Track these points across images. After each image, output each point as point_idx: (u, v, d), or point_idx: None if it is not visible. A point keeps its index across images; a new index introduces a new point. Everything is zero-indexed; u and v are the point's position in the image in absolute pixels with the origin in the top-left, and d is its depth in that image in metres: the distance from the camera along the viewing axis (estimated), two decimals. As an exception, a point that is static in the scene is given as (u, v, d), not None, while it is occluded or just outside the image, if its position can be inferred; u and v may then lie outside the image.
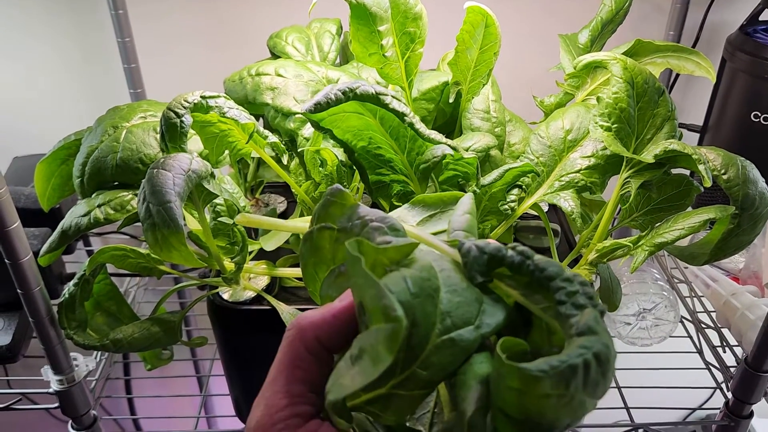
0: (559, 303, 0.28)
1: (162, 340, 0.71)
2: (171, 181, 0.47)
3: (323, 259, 0.35)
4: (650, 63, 0.73)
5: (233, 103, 0.57)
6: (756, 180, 0.65)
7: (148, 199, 0.47)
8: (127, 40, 0.96)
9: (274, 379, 0.32)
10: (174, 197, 0.46)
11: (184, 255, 0.48)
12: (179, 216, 0.46)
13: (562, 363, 0.25)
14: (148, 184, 0.48)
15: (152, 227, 0.46)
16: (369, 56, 0.61)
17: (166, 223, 0.46)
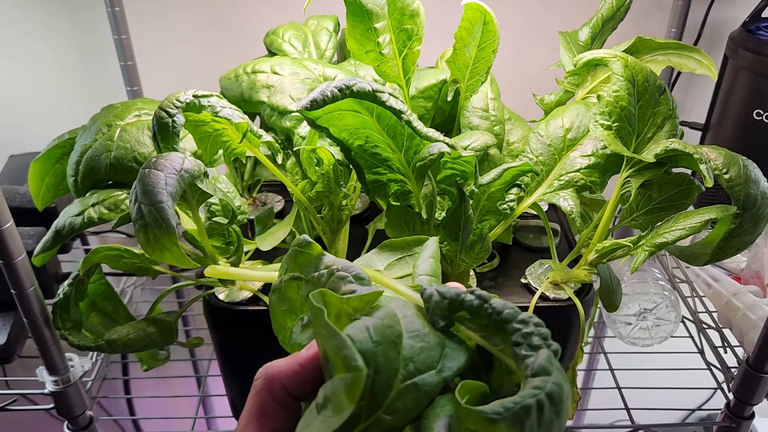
0: (516, 344, 0.29)
1: (158, 340, 0.70)
2: (163, 181, 0.47)
3: (292, 308, 0.37)
4: (651, 61, 0.72)
5: (226, 102, 0.56)
6: (758, 179, 0.64)
7: (140, 200, 0.46)
8: (123, 37, 0.96)
9: (244, 428, 0.32)
10: (166, 197, 0.46)
11: (176, 256, 0.47)
12: (171, 216, 0.46)
13: (516, 404, 0.26)
14: (140, 184, 0.47)
15: (144, 228, 0.46)
16: (365, 54, 0.60)
17: (158, 224, 0.45)
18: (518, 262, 0.75)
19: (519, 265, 0.74)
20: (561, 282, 0.70)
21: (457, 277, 0.68)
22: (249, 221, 0.80)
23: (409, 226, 0.64)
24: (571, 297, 0.67)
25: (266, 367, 0.33)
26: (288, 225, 0.68)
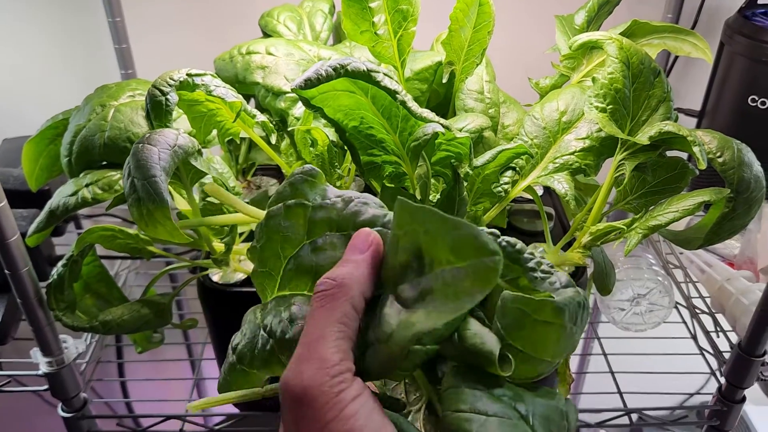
0: (531, 270, 0.34)
1: (152, 322, 0.70)
2: (156, 156, 0.47)
3: (294, 234, 0.37)
4: (647, 44, 0.72)
5: (220, 81, 0.56)
6: (751, 163, 0.64)
7: (133, 174, 0.46)
8: (117, 20, 0.95)
9: (323, 336, 0.31)
10: (159, 171, 0.46)
11: (169, 230, 0.47)
12: (164, 190, 0.46)
13: (572, 299, 0.32)
14: (133, 159, 0.47)
15: (137, 202, 0.46)
16: (360, 34, 0.60)
17: (151, 198, 0.45)
18: (512, 245, 0.75)
19: (513, 249, 0.74)
20: (555, 265, 0.70)
21: (451, 259, 0.68)
22: (244, 204, 0.80)
23: (404, 208, 0.64)
24: (565, 280, 0.68)
25: (336, 276, 0.33)
26: (282, 207, 0.68)
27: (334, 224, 0.35)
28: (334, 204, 0.36)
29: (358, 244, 0.34)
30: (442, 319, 0.29)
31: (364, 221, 0.35)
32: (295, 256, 0.36)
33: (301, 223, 0.36)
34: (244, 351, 0.36)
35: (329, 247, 0.35)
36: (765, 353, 0.73)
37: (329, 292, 0.33)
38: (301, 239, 0.36)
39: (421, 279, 0.31)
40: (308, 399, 0.30)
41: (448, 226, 0.29)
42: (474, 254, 0.29)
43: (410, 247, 0.31)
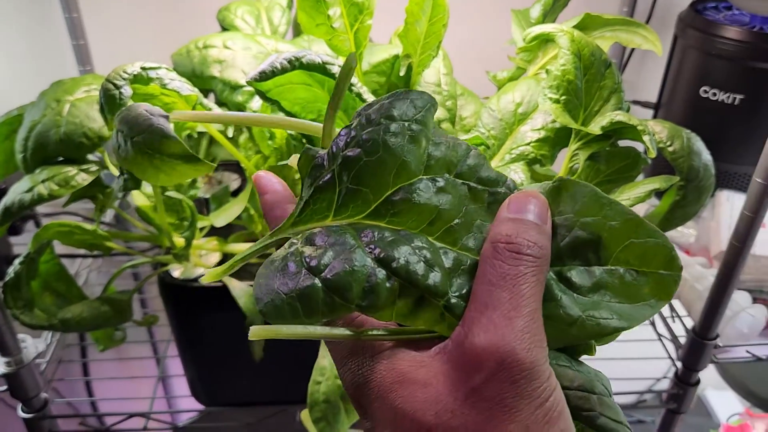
0: None
1: (112, 319, 0.70)
2: (147, 112, 0.47)
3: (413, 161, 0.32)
4: (600, 37, 0.74)
5: (175, 74, 0.55)
6: (700, 152, 0.66)
7: (132, 131, 0.46)
8: (74, 16, 0.94)
9: (539, 309, 0.29)
10: (156, 119, 0.46)
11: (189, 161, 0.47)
12: (169, 129, 0.46)
13: None
14: (125, 120, 0.47)
15: (140, 147, 0.45)
16: (316, 27, 0.60)
17: (159, 135, 0.45)
18: (472, 236, 0.76)
19: (473, 239, 0.75)
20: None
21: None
22: (205, 200, 0.80)
23: (363, 200, 0.64)
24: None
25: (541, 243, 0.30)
26: (243, 201, 0.68)
27: (453, 168, 0.31)
28: (453, 146, 0.32)
29: (538, 209, 0.30)
30: (632, 322, 0.30)
31: (490, 179, 0.32)
32: (409, 186, 0.31)
33: (420, 153, 0.31)
34: (346, 280, 0.28)
35: (454, 194, 0.31)
36: (717, 336, 0.76)
37: (542, 260, 0.30)
38: (418, 171, 0.31)
39: (594, 270, 0.31)
40: (533, 376, 0.28)
41: (642, 230, 0.30)
42: (661, 266, 0.30)
43: (587, 236, 0.30)
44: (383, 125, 0.31)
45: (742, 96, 0.88)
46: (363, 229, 0.30)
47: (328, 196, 0.31)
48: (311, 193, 0.31)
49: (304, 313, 0.29)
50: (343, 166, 0.31)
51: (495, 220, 0.31)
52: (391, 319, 0.30)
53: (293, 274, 0.29)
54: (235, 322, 0.66)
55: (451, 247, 0.31)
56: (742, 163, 0.94)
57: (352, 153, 0.31)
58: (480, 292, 0.29)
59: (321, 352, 0.63)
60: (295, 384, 0.75)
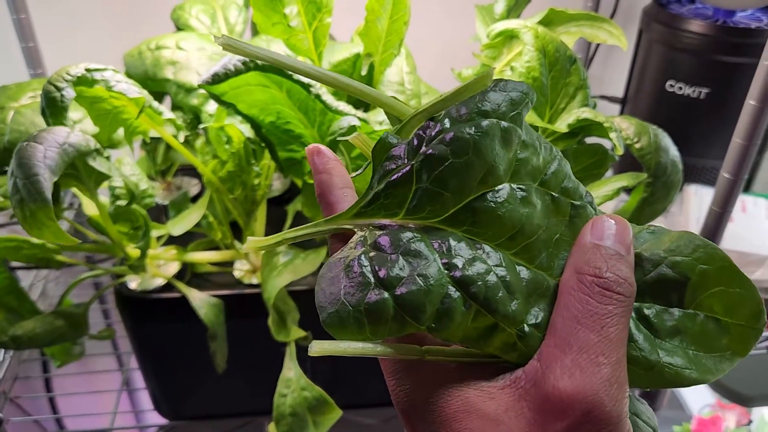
0: None
1: (67, 334, 0.66)
2: (42, 154, 0.44)
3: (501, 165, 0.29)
4: (565, 33, 0.72)
5: (122, 76, 0.53)
6: (668, 148, 0.65)
7: (15, 173, 0.44)
8: (22, 17, 0.89)
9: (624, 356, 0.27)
10: (43, 170, 0.43)
11: (54, 232, 0.44)
12: (47, 189, 0.43)
13: None
14: (16, 158, 0.44)
15: (20, 202, 0.43)
16: (272, 26, 0.58)
17: (33, 197, 0.42)
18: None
19: (441, 241, 0.73)
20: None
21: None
22: (164, 207, 0.77)
23: (326, 204, 0.62)
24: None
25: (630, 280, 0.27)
26: (201, 208, 0.65)
27: (539, 175, 0.28)
28: (541, 149, 0.29)
29: (623, 237, 0.28)
30: (710, 376, 0.28)
31: (573, 189, 0.29)
32: (494, 194, 0.27)
33: (510, 156, 0.28)
34: (420, 300, 0.26)
35: (538, 205, 0.28)
36: (688, 333, 0.75)
37: (630, 299, 0.27)
38: (505, 177, 0.28)
39: (674, 311, 0.29)
40: (616, 430, 0.26)
41: (736, 279, 0.28)
42: (746, 318, 0.28)
43: (674, 275, 0.29)
44: (474, 122, 0.27)
45: (708, 89, 0.88)
46: (436, 234, 0.27)
47: (402, 193, 0.28)
48: (383, 186, 0.28)
49: (371, 329, 0.26)
50: (425, 164, 0.27)
51: (577, 244, 0.29)
52: (458, 340, 0.27)
53: (361, 285, 0.26)
54: (196, 333, 0.64)
55: (528, 265, 0.28)
56: (708, 157, 0.94)
57: (437, 151, 0.27)
58: (562, 328, 0.27)
59: (286, 364, 0.61)
60: (260, 394, 0.73)
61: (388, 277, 0.26)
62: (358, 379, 0.74)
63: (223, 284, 0.66)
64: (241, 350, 0.67)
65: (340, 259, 0.27)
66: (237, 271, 0.67)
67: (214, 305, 0.63)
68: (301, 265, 0.60)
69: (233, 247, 0.66)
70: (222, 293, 0.65)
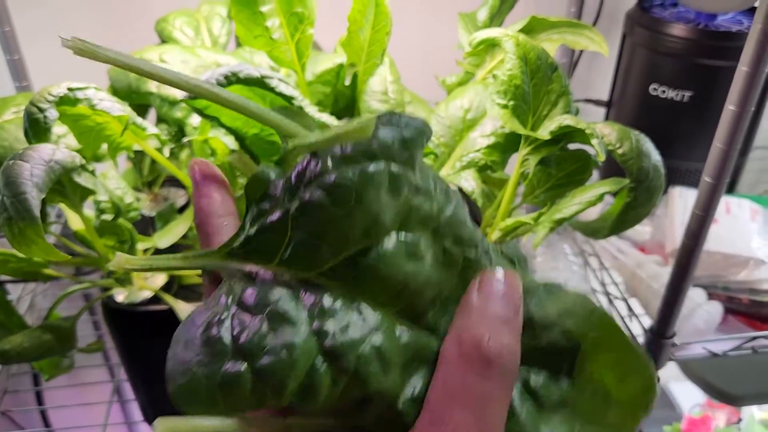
0: None
1: (55, 348, 0.66)
2: (28, 172, 0.44)
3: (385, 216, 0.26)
4: (547, 40, 0.73)
5: (105, 94, 0.53)
6: (649, 153, 0.65)
7: (3, 192, 0.44)
8: (6, 30, 0.90)
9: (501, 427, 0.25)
10: (30, 188, 0.43)
11: (43, 248, 0.45)
12: (35, 207, 0.43)
13: None
14: (3, 176, 0.45)
15: (8, 221, 0.43)
16: (254, 39, 0.58)
17: (21, 215, 0.43)
18: (427, 245, 0.74)
19: (428, 248, 0.73)
20: (469, 262, 0.70)
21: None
22: (150, 219, 0.77)
23: (312, 214, 0.62)
24: (479, 277, 0.68)
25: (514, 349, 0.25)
26: (187, 220, 0.65)
27: (431, 222, 0.25)
28: (434, 192, 0.26)
29: (511, 297, 0.25)
30: None
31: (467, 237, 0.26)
32: (378, 248, 0.25)
33: (399, 203, 0.25)
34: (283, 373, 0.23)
35: (427, 259, 0.25)
36: (674, 335, 0.76)
37: (513, 373, 0.25)
38: (392, 227, 0.25)
39: (564, 382, 0.27)
40: None
41: (627, 350, 0.26)
42: (636, 394, 0.26)
43: (565, 343, 0.26)
44: (360, 165, 0.24)
45: (691, 93, 0.89)
46: (312, 290, 0.25)
47: (276, 240, 0.25)
48: (256, 230, 0.25)
49: (226, 404, 0.23)
50: (301, 211, 0.24)
51: (462, 303, 0.26)
52: (327, 414, 0.25)
53: (217, 353, 0.23)
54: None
55: (412, 325, 0.26)
56: (693, 159, 0.95)
57: (315, 198, 0.24)
58: (437, 403, 0.24)
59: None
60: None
61: (248, 344, 0.23)
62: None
63: (210, 295, 0.67)
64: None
65: (201, 315, 0.25)
66: (224, 282, 0.67)
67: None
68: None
69: (220, 259, 0.66)
70: (209, 305, 0.65)
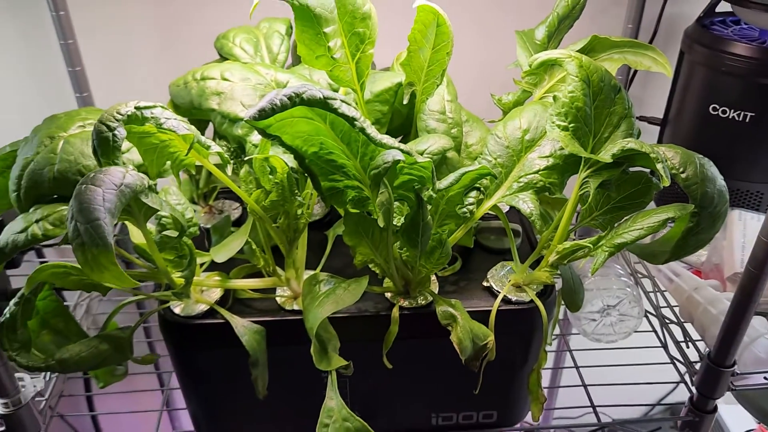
0: None
1: (111, 358, 0.68)
2: (101, 197, 0.45)
3: None
4: (607, 59, 0.72)
5: (171, 113, 0.54)
6: (714, 178, 0.64)
7: (76, 217, 0.44)
8: (70, 42, 0.92)
9: None
10: (103, 214, 0.44)
11: (114, 274, 0.46)
12: (108, 234, 0.44)
13: None
14: (76, 201, 0.45)
15: (81, 246, 0.44)
16: (316, 59, 0.58)
17: (95, 242, 0.43)
18: (480, 264, 0.74)
19: (481, 268, 0.73)
20: (523, 284, 0.69)
21: (418, 282, 0.67)
22: (205, 230, 0.78)
23: (368, 233, 0.62)
24: (533, 299, 0.67)
25: None
26: (243, 235, 0.66)
27: None
28: None
29: None
30: None
31: None
32: None
33: None
34: None
35: None
36: (734, 363, 0.73)
37: None
38: None
39: None
40: None
41: None
42: None
43: None
44: None
45: (753, 113, 0.86)
46: None
47: None
48: None
49: None
50: None
51: None
52: None
53: None
54: (238, 359, 0.65)
55: None
56: (753, 180, 0.92)
57: None
58: None
59: (328, 393, 0.61)
60: (301, 422, 0.73)
61: None
62: (396, 404, 0.74)
63: (264, 310, 0.67)
64: (282, 376, 0.68)
65: None
66: (278, 297, 0.68)
67: (257, 332, 0.64)
68: (342, 295, 0.60)
69: (275, 274, 0.67)
70: (264, 319, 0.65)
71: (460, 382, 0.72)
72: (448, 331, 0.63)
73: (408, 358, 0.69)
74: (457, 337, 0.63)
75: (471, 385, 0.70)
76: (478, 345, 0.64)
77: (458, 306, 0.65)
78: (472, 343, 0.63)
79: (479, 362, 0.64)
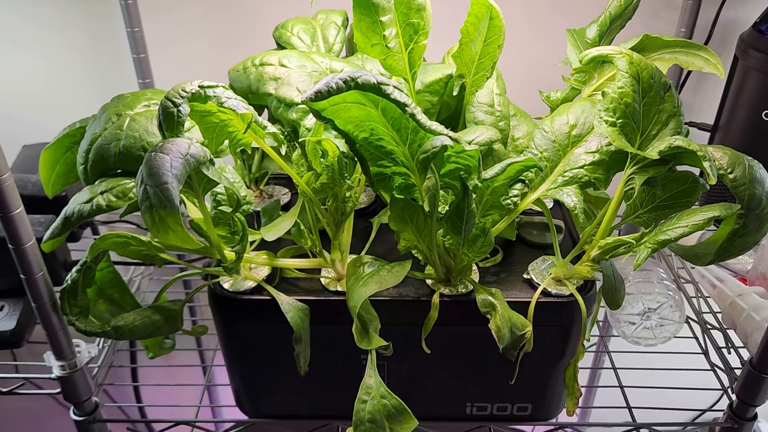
0: None
1: (163, 328, 0.71)
2: (168, 164, 0.48)
3: None
4: (658, 59, 0.72)
5: (232, 92, 0.56)
6: (763, 180, 0.63)
7: (146, 181, 0.47)
8: (136, 30, 0.97)
9: None
10: (171, 179, 0.47)
11: (180, 236, 0.48)
12: (175, 197, 0.47)
13: None
14: (146, 167, 0.48)
15: (149, 208, 0.47)
16: (372, 47, 0.60)
17: (162, 204, 0.46)
18: (521, 257, 0.75)
19: (522, 261, 0.74)
20: (563, 278, 0.70)
21: (459, 270, 0.68)
22: (255, 213, 0.81)
23: (413, 219, 0.64)
24: (573, 293, 0.68)
25: None
26: (293, 216, 0.68)
27: None
28: None
29: None
30: None
31: None
32: None
33: None
34: None
35: None
36: (776, 371, 0.73)
37: None
38: None
39: None
40: None
41: None
42: None
43: None
44: None
45: (807, 120, 0.85)
46: None
47: None
48: None
49: None
50: None
51: None
52: None
53: None
54: (282, 335, 0.67)
55: None
56: (805, 190, 0.90)
57: None
58: None
59: (367, 371, 0.63)
60: (339, 399, 0.75)
61: None
62: (432, 390, 0.76)
63: (309, 290, 0.69)
64: (323, 354, 0.70)
65: None
66: (323, 278, 0.70)
67: (301, 309, 0.66)
68: (386, 277, 0.62)
69: (321, 256, 0.69)
70: (308, 298, 0.68)
71: (496, 373, 0.73)
72: (487, 320, 0.65)
73: (446, 345, 0.70)
74: (496, 325, 0.64)
75: (507, 376, 0.71)
76: (516, 334, 0.65)
77: (498, 295, 0.66)
78: (510, 332, 0.64)
79: (516, 351, 0.65)
